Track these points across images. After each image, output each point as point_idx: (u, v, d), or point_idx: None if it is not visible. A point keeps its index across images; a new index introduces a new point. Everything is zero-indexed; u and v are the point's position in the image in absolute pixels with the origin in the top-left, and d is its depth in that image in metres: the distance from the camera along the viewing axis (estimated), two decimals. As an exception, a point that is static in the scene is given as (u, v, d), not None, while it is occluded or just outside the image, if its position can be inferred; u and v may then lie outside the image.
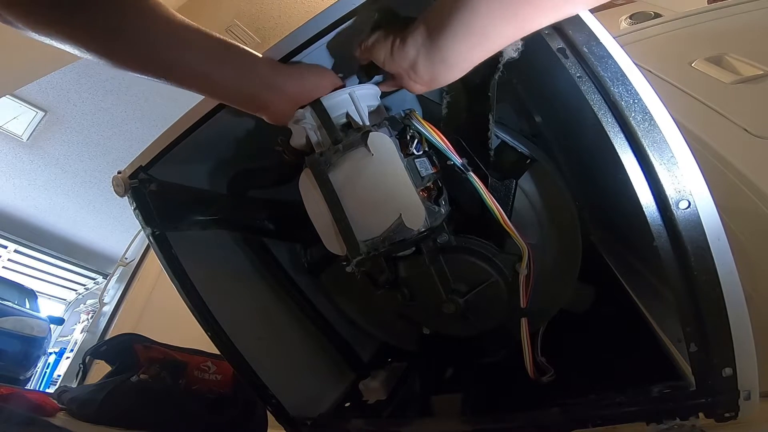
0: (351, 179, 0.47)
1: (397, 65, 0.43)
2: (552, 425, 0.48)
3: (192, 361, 0.89)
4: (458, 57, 0.39)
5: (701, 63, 0.83)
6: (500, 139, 0.60)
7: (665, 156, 0.36)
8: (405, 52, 0.41)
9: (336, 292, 0.80)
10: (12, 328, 2.94)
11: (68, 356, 3.27)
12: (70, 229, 3.71)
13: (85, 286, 4.32)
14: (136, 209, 0.59)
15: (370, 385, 0.70)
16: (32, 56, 0.36)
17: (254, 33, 2.48)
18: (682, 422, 0.41)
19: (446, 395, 0.67)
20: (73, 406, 0.80)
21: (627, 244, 0.59)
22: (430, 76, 0.42)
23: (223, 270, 0.71)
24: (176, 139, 0.57)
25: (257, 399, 0.65)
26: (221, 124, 0.56)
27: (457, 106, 0.54)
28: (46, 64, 0.38)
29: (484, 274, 0.57)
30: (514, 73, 0.50)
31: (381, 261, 0.59)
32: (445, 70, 0.40)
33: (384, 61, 0.44)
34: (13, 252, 3.71)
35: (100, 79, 2.53)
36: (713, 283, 0.37)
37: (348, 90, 0.48)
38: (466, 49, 0.38)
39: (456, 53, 0.39)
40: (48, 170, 3.07)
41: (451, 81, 0.42)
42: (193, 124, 0.55)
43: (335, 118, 0.49)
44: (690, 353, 0.40)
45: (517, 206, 0.60)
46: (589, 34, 0.38)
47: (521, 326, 0.55)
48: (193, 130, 0.56)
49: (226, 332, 0.62)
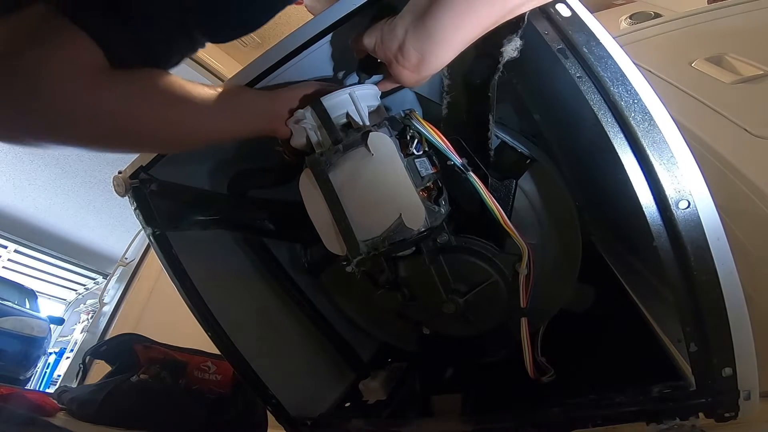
0: (351, 179, 0.47)
1: (386, 48, 0.42)
2: (552, 425, 0.48)
3: (192, 361, 0.89)
4: (445, 32, 0.38)
5: (701, 63, 0.83)
6: (500, 139, 0.60)
7: (665, 156, 0.36)
8: (394, 34, 0.41)
9: (336, 292, 0.80)
10: (12, 328, 2.93)
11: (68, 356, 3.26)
12: (70, 229, 3.71)
13: (85, 286, 4.32)
14: (137, 209, 0.59)
15: (370, 385, 0.70)
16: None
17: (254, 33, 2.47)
18: (682, 422, 0.41)
19: (446, 395, 0.67)
20: (73, 406, 0.80)
21: (627, 244, 0.59)
22: (418, 56, 0.40)
23: (223, 270, 0.71)
24: (176, 139, 0.57)
25: (257, 399, 0.65)
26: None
27: (457, 106, 0.54)
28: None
29: (484, 274, 0.57)
30: (514, 73, 0.50)
31: (381, 261, 0.59)
32: (432, 47, 0.39)
33: (375, 46, 0.44)
34: (13, 252, 3.70)
35: (101, 79, 2.53)
36: (713, 283, 0.37)
37: (348, 90, 0.48)
38: (452, 24, 0.37)
39: (442, 27, 0.38)
40: (48, 170, 3.06)
41: (439, 63, 0.41)
42: (193, 124, 0.55)
43: (335, 118, 0.49)
44: (690, 353, 0.40)
45: (517, 206, 0.60)
46: (589, 34, 0.38)
47: (521, 326, 0.55)
48: (193, 130, 0.56)
49: (226, 332, 0.62)
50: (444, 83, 0.53)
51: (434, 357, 0.73)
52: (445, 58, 0.41)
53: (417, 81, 0.45)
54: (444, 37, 0.38)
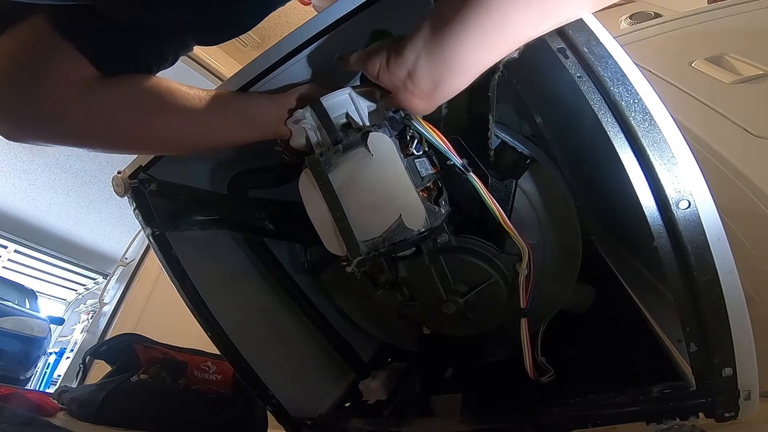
0: (351, 179, 0.47)
1: (392, 76, 0.39)
2: (552, 425, 0.48)
3: (192, 361, 0.89)
4: (463, 59, 0.34)
5: (701, 63, 0.83)
6: (500, 139, 0.60)
7: (665, 156, 0.36)
8: (402, 59, 0.37)
9: (336, 292, 0.80)
10: (12, 328, 2.93)
11: (68, 356, 3.26)
12: (70, 229, 3.71)
13: (85, 286, 4.32)
14: (136, 209, 0.59)
15: (370, 385, 0.70)
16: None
17: (254, 33, 2.47)
18: (682, 422, 0.41)
19: (446, 395, 0.67)
20: (73, 406, 0.80)
21: (627, 244, 0.59)
22: (432, 83, 0.36)
23: (223, 270, 0.71)
24: (176, 139, 0.57)
25: (257, 399, 0.65)
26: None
27: (457, 106, 0.54)
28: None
29: (484, 274, 0.57)
30: (514, 73, 0.50)
31: (381, 261, 0.59)
32: (448, 75, 0.35)
33: (378, 72, 0.40)
34: (13, 252, 3.70)
35: (101, 79, 2.53)
36: (713, 283, 0.37)
37: (348, 90, 0.48)
38: (471, 50, 0.33)
39: (461, 53, 0.34)
40: (48, 170, 3.06)
41: (453, 91, 0.38)
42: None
43: (335, 119, 0.49)
44: (690, 353, 0.39)
45: (517, 206, 0.60)
46: (589, 34, 0.38)
47: (521, 326, 0.55)
48: (193, 130, 0.56)
49: (226, 332, 0.62)
50: (444, 83, 0.53)
51: (434, 357, 0.73)
52: (460, 86, 0.37)
53: (427, 109, 0.41)
54: (461, 64, 0.35)
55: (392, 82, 0.40)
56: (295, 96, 0.50)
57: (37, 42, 0.36)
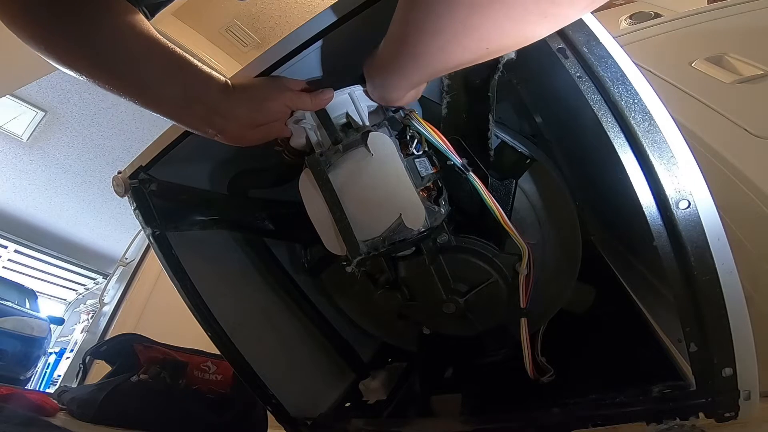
0: (351, 179, 0.47)
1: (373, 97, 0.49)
2: (552, 425, 0.48)
3: (192, 361, 0.89)
4: (392, 82, 0.43)
5: (701, 63, 0.83)
6: (500, 139, 0.60)
7: (665, 156, 0.36)
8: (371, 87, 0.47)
9: (336, 292, 0.80)
10: (12, 328, 2.93)
11: (68, 356, 3.26)
12: (70, 229, 3.71)
13: (85, 286, 4.32)
14: (136, 209, 0.59)
15: (370, 385, 0.70)
16: (32, 56, 0.36)
17: (254, 33, 2.48)
18: (682, 422, 0.41)
19: (446, 395, 0.67)
20: (73, 406, 0.80)
21: (627, 244, 0.59)
22: (380, 98, 0.47)
23: (223, 270, 0.71)
24: (176, 139, 0.57)
25: (257, 399, 0.65)
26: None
27: (457, 106, 0.54)
28: (47, 64, 0.38)
29: (484, 274, 0.57)
30: (514, 73, 0.50)
31: (381, 261, 0.59)
32: (384, 93, 0.45)
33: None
34: (13, 252, 3.71)
35: (101, 80, 2.53)
36: (713, 283, 0.37)
37: (348, 90, 0.48)
38: (396, 78, 0.42)
39: (389, 79, 0.43)
40: (48, 170, 3.07)
41: (396, 98, 0.46)
42: (193, 124, 0.55)
43: (335, 118, 0.49)
44: (690, 353, 0.40)
45: (517, 206, 0.60)
46: (589, 34, 0.38)
47: (521, 326, 0.55)
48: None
49: (226, 332, 0.62)
50: (444, 83, 0.53)
51: (434, 357, 0.73)
52: (400, 96, 0.45)
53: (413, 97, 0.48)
54: (392, 85, 0.43)
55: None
56: (248, 100, 0.47)
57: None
